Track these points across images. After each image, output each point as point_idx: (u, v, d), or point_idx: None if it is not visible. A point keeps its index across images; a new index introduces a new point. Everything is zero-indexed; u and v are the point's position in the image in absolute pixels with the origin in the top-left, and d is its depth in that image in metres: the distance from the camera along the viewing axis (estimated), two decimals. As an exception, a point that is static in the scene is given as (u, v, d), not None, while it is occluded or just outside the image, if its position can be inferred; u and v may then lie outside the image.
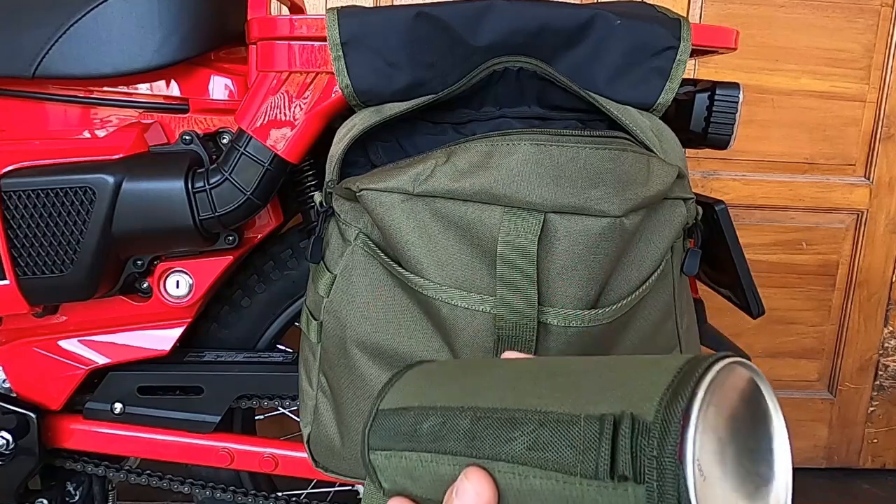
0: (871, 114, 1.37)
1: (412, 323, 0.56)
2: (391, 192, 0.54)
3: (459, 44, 0.58)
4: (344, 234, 0.59)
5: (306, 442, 0.65)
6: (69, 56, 0.68)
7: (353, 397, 0.59)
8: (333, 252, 0.60)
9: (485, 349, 0.54)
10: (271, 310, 0.84)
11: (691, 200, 0.55)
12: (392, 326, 0.57)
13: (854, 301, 1.45)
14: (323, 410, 0.63)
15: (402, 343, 0.57)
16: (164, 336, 0.79)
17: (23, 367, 0.79)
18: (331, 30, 0.57)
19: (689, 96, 0.66)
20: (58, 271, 0.69)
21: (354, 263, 0.57)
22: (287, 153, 0.68)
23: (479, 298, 0.53)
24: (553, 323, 0.52)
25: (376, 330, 0.57)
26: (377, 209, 0.54)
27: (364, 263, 0.57)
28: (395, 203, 0.54)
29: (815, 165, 1.39)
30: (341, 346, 0.58)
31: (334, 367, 0.60)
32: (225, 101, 0.74)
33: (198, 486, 0.84)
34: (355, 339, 0.57)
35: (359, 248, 0.57)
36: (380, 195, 0.54)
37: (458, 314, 0.54)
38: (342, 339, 0.58)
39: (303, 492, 0.96)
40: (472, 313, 0.53)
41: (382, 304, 0.57)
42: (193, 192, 0.68)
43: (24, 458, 0.79)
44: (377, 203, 0.54)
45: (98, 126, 0.75)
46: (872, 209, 1.41)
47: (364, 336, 0.57)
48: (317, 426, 0.63)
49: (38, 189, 0.67)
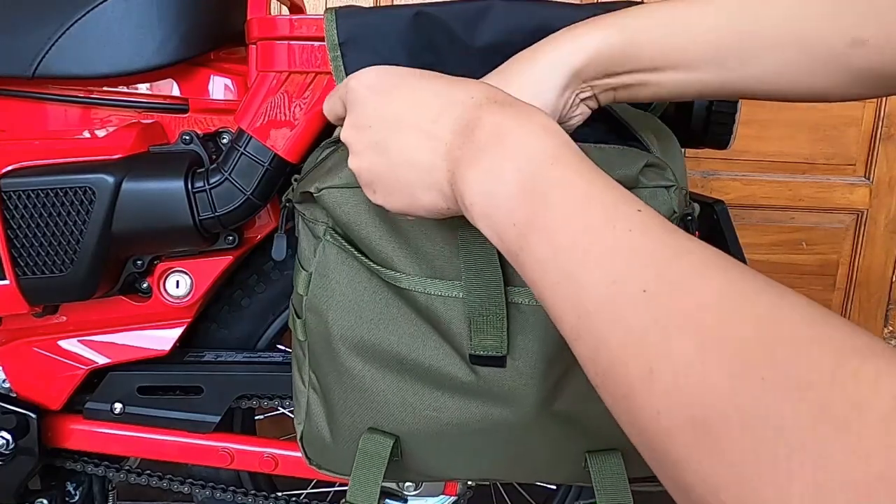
0: (871, 114, 1.37)
1: (394, 314, 0.56)
2: (352, 188, 0.53)
3: (458, 44, 0.58)
4: (313, 231, 0.58)
5: (300, 440, 0.65)
6: (69, 56, 0.68)
7: (341, 393, 0.59)
8: (305, 249, 0.60)
9: (465, 335, 0.54)
10: (271, 310, 0.84)
11: (674, 188, 0.55)
12: (374, 319, 0.57)
13: (854, 301, 1.45)
14: (314, 407, 0.63)
15: (386, 335, 0.57)
16: (163, 336, 0.79)
17: (23, 367, 0.79)
18: (329, 30, 0.57)
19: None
20: (58, 271, 0.69)
21: (327, 259, 0.57)
22: (287, 153, 0.68)
23: (452, 285, 0.54)
24: (523, 302, 0.53)
25: (359, 324, 0.57)
26: (341, 207, 0.54)
27: (337, 258, 0.57)
28: (361, 199, 0.53)
29: (815, 165, 1.39)
30: (326, 343, 0.58)
31: (321, 363, 0.60)
32: (225, 101, 0.74)
33: (198, 486, 0.85)
34: (339, 334, 0.57)
35: (329, 242, 0.57)
36: (340, 192, 0.54)
37: (435, 303, 0.54)
38: (326, 336, 0.58)
39: (303, 492, 0.96)
40: (446, 300, 0.54)
41: (361, 298, 0.57)
42: (193, 192, 0.69)
43: (24, 458, 0.79)
44: (338, 201, 0.54)
45: (98, 126, 0.75)
46: (872, 209, 1.41)
47: (347, 331, 0.57)
48: (309, 424, 0.63)
49: (38, 189, 0.67)
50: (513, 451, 0.60)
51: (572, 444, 0.60)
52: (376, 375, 0.58)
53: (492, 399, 0.57)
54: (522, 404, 0.56)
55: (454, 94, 0.40)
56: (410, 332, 0.56)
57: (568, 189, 0.33)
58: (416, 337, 0.56)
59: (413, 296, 0.54)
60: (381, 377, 0.58)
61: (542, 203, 0.33)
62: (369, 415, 0.59)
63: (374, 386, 0.58)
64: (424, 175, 0.40)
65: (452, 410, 0.57)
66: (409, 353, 0.57)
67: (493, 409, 0.57)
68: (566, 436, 0.59)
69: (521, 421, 0.57)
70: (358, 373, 0.58)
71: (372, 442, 0.58)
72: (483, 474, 0.63)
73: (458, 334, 0.54)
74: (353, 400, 0.59)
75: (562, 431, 0.59)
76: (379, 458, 0.58)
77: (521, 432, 0.58)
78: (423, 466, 0.62)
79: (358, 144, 0.43)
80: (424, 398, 0.57)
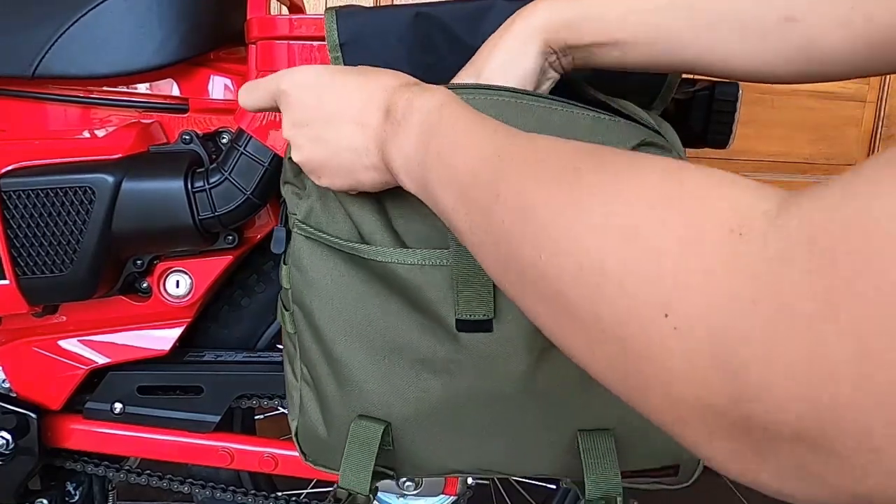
0: (871, 114, 1.37)
1: (375, 295, 0.56)
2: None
3: (459, 44, 0.58)
4: (289, 224, 0.59)
5: (295, 436, 0.65)
6: (69, 56, 0.68)
7: (331, 383, 0.59)
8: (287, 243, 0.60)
9: (448, 304, 0.54)
10: (271, 309, 0.84)
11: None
12: (356, 303, 0.56)
13: (854, 301, 1.45)
14: (307, 401, 0.62)
15: (369, 318, 0.56)
16: (163, 336, 0.80)
17: (23, 366, 0.80)
18: (329, 30, 0.57)
19: (688, 96, 0.66)
20: (57, 271, 0.69)
21: (299, 251, 0.57)
22: (287, 153, 0.68)
23: (434, 254, 0.53)
24: None
25: (341, 310, 0.57)
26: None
27: (308, 248, 0.57)
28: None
29: (815, 165, 1.39)
30: (314, 333, 0.58)
31: (311, 355, 0.60)
32: (225, 101, 0.74)
33: (198, 486, 0.85)
34: (323, 323, 0.57)
35: (298, 235, 0.57)
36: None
37: (416, 273, 0.54)
38: (313, 326, 0.58)
39: (303, 492, 0.96)
40: (426, 269, 0.54)
41: (340, 284, 0.56)
42: (193, 191, 0.69)
43: (24, 457, 0.79)
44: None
45: (98, 126, 0.75)
46: (872, 209, 1.41)
47: (331, 319, 0.57)
48: (303, 418, 0.63)
49: (37, 189, 0.68)
50: (505, 436, 0.60)
51: (563, 424, 0.60)
52: (363, 361, 0.57)
53: (477, 372, 0.56)
54: (509, 373, 0.56)
55: (372, 86, 0.47)
56: (392, 310, 0.56)
57: (455, 122, 0.39)
58: (398, 315, 0.56)
59: (392, 269, 0.54)
60: (368, 361, 0.57)
61: (434, 136, 0.40)
62: (359, 402, 0.59)
63: (362, 372, 0.58)
64: (362, 157, 0.47)
65: (439, 389, 0.57)
66: (392, 334, 0.56)
67: (480, 382, 0.56)
68: (556, 414, 0.58)
69: (509, 394, 0.57)
70: (345, 360, 0.58)
71: (362, 428, 0.58)
72: (477, 465, 0.63)
73: (441, 304, 0.54)
74: (344, 389, 0.59)
75: (551, 408, 0.58)
76: (369, 442, 0.58)
77: (511, 408, 0.58)
78: (415, 455, 0.61)
79: (299, 138, 0.50)
80: (410, 379, 0.57)
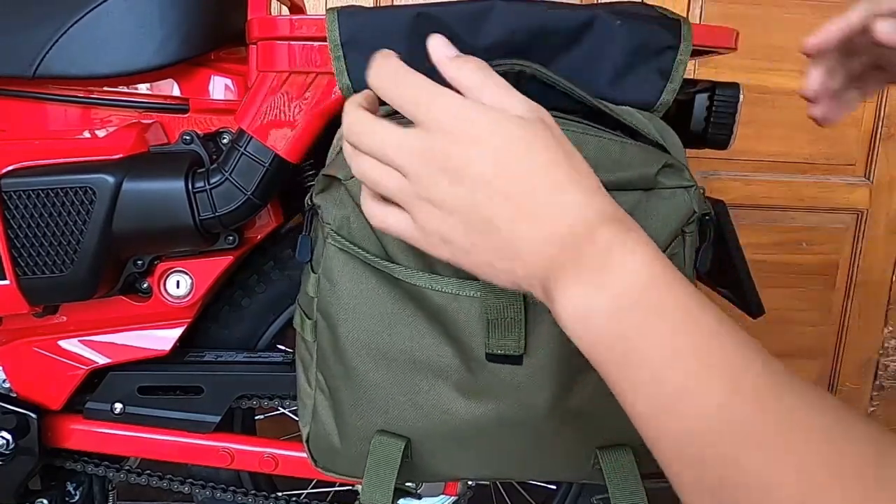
0: (871, 114, 1.37)
1: (404, 315, 0.56)
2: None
3: (460, 45, 0.58)
4: (323, 232, 0.58)
5: (305, 441, 0.65)
6: (69, 56, 0.68)
7: (350, 395, 0.59)
8: (318, 251, 0.60)
9: (478, 334, 0.54)
10: (271, 310, 0.84)
11: (694, 189, 0.55)
12: (384, 321, 0.56)
13: (854, 301, 1.45)
14: (321, 409, 0.62)
15: (396, 337, 0.56)
16: (164, 336, 0.79)
17: (23, 367, 0.80)
18: (331, 30, 0.57)
19: (688, 96, 0.66)
20: (58, 271, 0.69)
21: (331, 262, 0.57)
22: (287, 153, 0.68)
23: (468, 284, 0.53)
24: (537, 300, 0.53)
25: (368, 326, 0.56)
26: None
27: (341, 260, 0.56)
28: None
29: (815, 165, 1.39)
30: (335, 345, 0.58)
31: (330, 365, 0.60)
32: (225, 101, 0.74)
33: (198, 486, 0.85)
34: (348, 337, 0.57)
35: (331, 245, 0.57)
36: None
37: (449, 302, 0.54)
38: (335, 338, 0.58)
39: (303, 492, 0.96)
40: (460, 299, 0.53)
41: (370, 300, 0.56)
42: (193, 192, 0.68)
43: (24, 458, 0.79)
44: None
45: (98, 126, 0.75)
46: (872, 209, 1.41)
47: (356, 334, 0.57)
48: (315, 425, 0.63)
49: (38, 189, 0.67)
50: (525, 451, 0.60)
51: (584, 440, 0.60)
52: (386, 377, 0.57)
53: (505, 399, 0.56)
54: (535, 403, 0.56)
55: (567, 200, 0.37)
56: (421, 332, 0.56)
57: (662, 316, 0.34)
58: (426, 337, 0.56)
59: (425, 294, 0.54)
60: (391, 379, 0.57)
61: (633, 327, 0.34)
62: (379, 417, 0.58)
63: (384, 388, 0.57)
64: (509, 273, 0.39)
65: (464, 412, 0.57)
66: (419, 355, 0.56)
67: (506, 408, 0.56)
68: (578, 432, 0.59)
69: (533, 420, 0.57)
70: (367, 375, 0.57)
71: (383, 445, 0.58)
72: (494, 474, 0.63)
73: (471, 334, 0.54)
74: (363, 402, 0.58)
75: (573, 428, 0.58)
76: (391, 460, 0.58)
77: (533, 431, 0.58)
78: (434, 467, 0.62)
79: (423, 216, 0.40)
80: (435, 400, 0.57)
